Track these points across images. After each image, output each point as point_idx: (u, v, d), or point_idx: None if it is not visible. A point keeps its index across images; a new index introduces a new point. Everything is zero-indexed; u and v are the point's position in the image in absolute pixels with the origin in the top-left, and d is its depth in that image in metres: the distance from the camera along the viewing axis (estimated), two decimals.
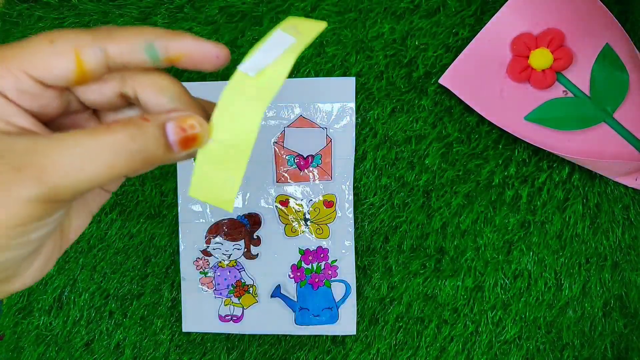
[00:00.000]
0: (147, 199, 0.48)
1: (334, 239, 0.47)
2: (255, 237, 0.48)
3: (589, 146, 0.44)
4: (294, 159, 0.47)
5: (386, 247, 0.46)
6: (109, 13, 0.47)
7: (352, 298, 0.46)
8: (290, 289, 0.48)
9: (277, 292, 0.47)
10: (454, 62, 0.45)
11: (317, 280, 0.47)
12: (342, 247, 0.47)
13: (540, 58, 0.44)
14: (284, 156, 0.47)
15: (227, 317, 0.48)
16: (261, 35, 0.46)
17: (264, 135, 0.47)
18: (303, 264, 0.48)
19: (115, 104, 0.26)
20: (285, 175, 0.47)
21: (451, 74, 0.45)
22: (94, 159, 0.21)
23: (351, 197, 0.47)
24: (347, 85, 0.46)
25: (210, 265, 0.48)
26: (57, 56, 0.21)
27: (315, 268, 0.48)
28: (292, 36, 0.24)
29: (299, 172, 0.47)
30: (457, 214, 0.46)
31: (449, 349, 0.46)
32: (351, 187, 0.46)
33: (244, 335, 0.48)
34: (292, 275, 0.48)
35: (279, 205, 0.47)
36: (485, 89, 0.45)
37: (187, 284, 0.48)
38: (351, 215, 0.47)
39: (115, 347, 0.48)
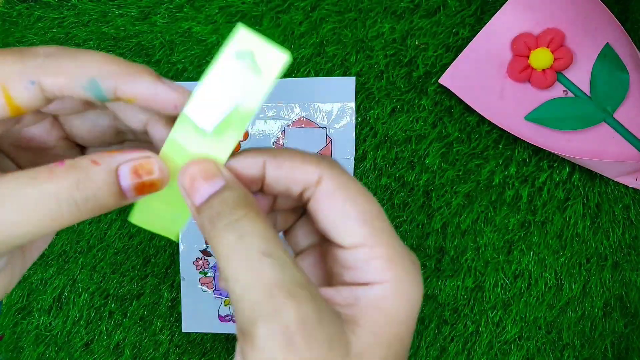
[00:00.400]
0: None
1: None
2: None
3: (589, 146, 0.44)
4: None
5: None
6: (108, 13, 0.47)
7: None
8: None
9: None
10: (454, 61, 0.45)
11: None
12: None
13: (541, 58, 0.44)
14: None
15: (227, 317, 0.47)
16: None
17: (264, 135, 0.47)
18: None
19: (106, 139, 0.23)
20: None
21: (451, 73, 0.45)
22: (33, 211, 0.18)
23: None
24: (347, 85, 0.46)
25: (210, 265, 0.48)
26: None
27: None
28: (248, 66, 0.20)
29: None
30: (457, 213, 0.46)
31: (449, 349, 0.46)
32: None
33: None
34: None
35: None
36: (486, 89, 0.45)
37: (186, 284, 0.47)
38: None
39: (115, 347, 0.48)
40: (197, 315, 0.48)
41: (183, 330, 0.47)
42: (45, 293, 0.48)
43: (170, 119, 0.21)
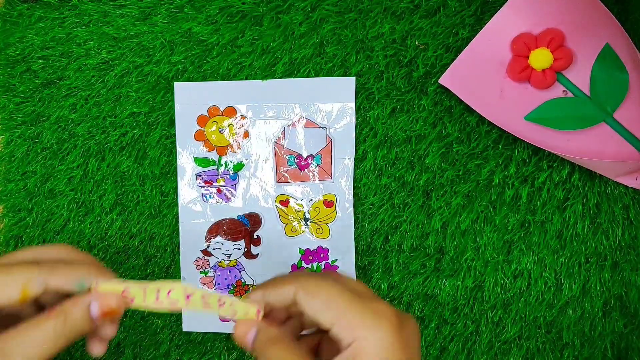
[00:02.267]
0: (147, 198, 0.48)
1: (334, 239, 0.47)
2: (255, 236, 0.48)
3: (588, 146, 0.44)
4: (294, 159, 0.47)
5: (386, 246, 0.46)
6: (109, 13, 0.47)
7: None
8: None
9: None
10: (454, 62, 0.45)
11: None
12: (342, 247, 0.47)
13: (540, 58, 0.44)
14: (284, 156, 0.47)
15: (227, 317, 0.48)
16: (261, 35, 0.47)
17: (264, 135, 0.47)
18: (303, 264, 0.48)
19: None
20: (285, 175, 0.47)
21: (451, 73, 0.45)
22: (40, 343, 0.27)
23: (351, 197, 0.46)
24: (347, 85, 0.46)
25: (211, 265, 0.48)
26: (8, 287, 0.28)
27: (315, 268, 0.47)
28: None
29: (299, 172, 0.47)
30: (457, 213, 0.46)
31: (449, 348, 0.46)
32: (351, 187, 0.46)
33: None
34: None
35: (279, 205, 0.47)
36: (485, 89, 0.45)
37: (186, 284, 0.47)
38: (351, 215, 0.46)
39: (116, 346, 0.48)
40: (198, 314, 0.47)
41: (184, 330, 0.47)
42: None
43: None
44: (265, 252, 0.48)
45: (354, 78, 0.46)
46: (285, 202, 0.47)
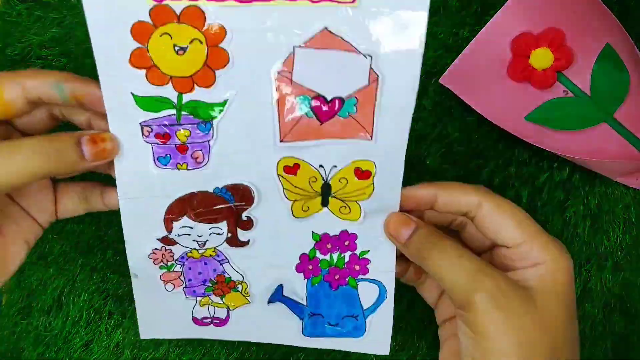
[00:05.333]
0: None
1: (366, 223, 0.34)
2: (244, 217, 0.34)
3: (589, 146, 0.44)
4: (309, 103, 0.30)
5: None
6: None
7: (388, 306, 0.35)
8: (298, 287, 0.36)
9: (277, 296, 0.36)
10: (454, 62, 0.45)
11: (337, 277, 0.35)
12: (377, 235, 0.34)
13: (541, 58, 0.44)
14: (293, 98, 0.30)
15: (205, 320, 0.38)
16: None
17: (258, 62, 0.29)
18: (318, 254, 0.35)
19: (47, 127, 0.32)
20: (295, 128, 0.30)
21: (451, 73, 0.45)
22: (15, 161, 0.26)
23: (401, 169, 0.32)
24: None
25: (176, 257, 0.36)
26: None
27: (336, 260, 0.35)
28: None
29: (317, 124, 0.30)
30: None
31: None
32: (403, 153, 0.32)
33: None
34: (300, 269, 0.35)
35: (284, 174, 0.32)
36: (486, 89, 0.45)
37: (141, 283, 0.36)
38: (398, 194, 0.33)
39: (115, 347, 0.48)
40: (161, 318, 0.38)
41: (141, 337, 0.39)
42: (44, 293, 0.48)
43: (104, 115, 0.29)
44: (260, 238, 0.35)
45: None
46: (292, 169, 0.32)
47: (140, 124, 0.30)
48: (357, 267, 0.35)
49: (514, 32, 0.45)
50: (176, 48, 0.28)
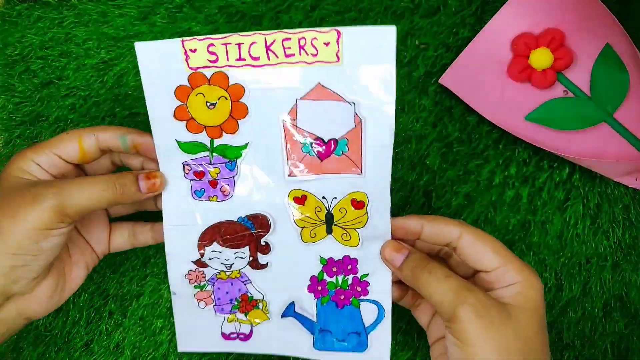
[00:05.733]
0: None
1: (365, 249, 0.38)
2: (263, 243, 0.39)
3: (589, 146, 0.44)
4: (310, 145, 0.36)
5: None
6: (108, 13, 0.47)
7: (386, 323, 0.39)
8: (308, 306, 0.40)
9: (290, 311, 0.40)
10: (455, 61, 0.45)
11: (342, 297, 0.40)
12: (375, 258, 0.38)
13: (541, 58, 0.44)
14: (298, 140, 0.36)
15: (232, 335, 0.42)
16: None
17: (270, 112, 0.36)
18: (325, 276, 0.40)
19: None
20: (300, 166, 0.37)
21: (451, 73, 0.45)
22: (92, 190, 0.34)
23: (388, 197, 0.37)
24: (383, 37, 0.33)
25: (207, 278, 0.41)
26: (68, 142, 0.36)
27: (340, 282, 0.40)
28: None
29: (318, 163, 0.36)
30: (457, 214, 0.45)
31: None
32: (388, 184, 0.36)
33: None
34: (311, 290, 0.40)
35: (294, 204, 0.38)
36: (486, 89, 0.45)
37: (179, 299, 0.41)
38: (388, 220, 0.37)
39: (115, 347, 0.48)
40: (196, 333, 0.42)
41: (179, 351, 0.43)
42: None
43: (154, 160, 0.38)
44: (276, 261, 0.40)
45: (394, 27, 0.33)
46: (300, 200, 0.38)
47: (182, 163, 0.38)
48: (359, 289, 0.39)
49: (514, 32, 0.45)
50: (208, 104, 0.36)
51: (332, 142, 0.36)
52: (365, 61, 0.34)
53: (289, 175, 0.37)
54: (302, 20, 0.46)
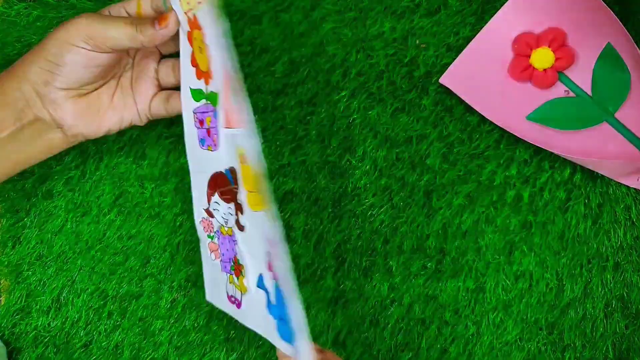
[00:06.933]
0: (146, 199, 0.47)
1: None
2: (239, 201, 0.35)
3: (590, 146, 0.44)
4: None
5: (386, 247, 0.46)
6: None
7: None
8: (270, 287, 0.34)
9: (260, 283, 0.35)
10: (455, 61, 0.45)
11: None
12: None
13: (542, 57, 0.44)
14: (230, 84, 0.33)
15: (232, 299, 0.39)
16: (261, 35, 0.46)
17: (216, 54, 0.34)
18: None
19: None
20: (232, 117, 0.33)
21: (452, 73, 0.45)
22: (117, 23, 0.37)
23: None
24: None
25: (215, 229, 0.39)
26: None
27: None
28: None
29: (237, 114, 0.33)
30: (458, 214, 0.45)
31: (450, 350, 0.45)
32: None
33: (243, 335, 0.46)
34: (270, 268, 0.33)
35: (239, 162, 0.33)
36: (487, 89, 0.45)
37: (203, 247, 0.41)
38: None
39: (114, 348, 0.48)
40: (214, 286, 0.40)
41: (207, 299, 0.41)
42: (43, 294, 0.48)
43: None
44: (247, 224, 0.35)
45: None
46: (243, 158, 0.33)
47: (193, 111, 0.37)
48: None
49: (515, 31, 0.45)
50: (199, 48, 0.35)
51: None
52: None
53: (225, 127, 0.34)
54: (302, 20, 0.46)
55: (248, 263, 0.36)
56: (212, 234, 0.39)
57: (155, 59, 0.42)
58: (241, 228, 0.36)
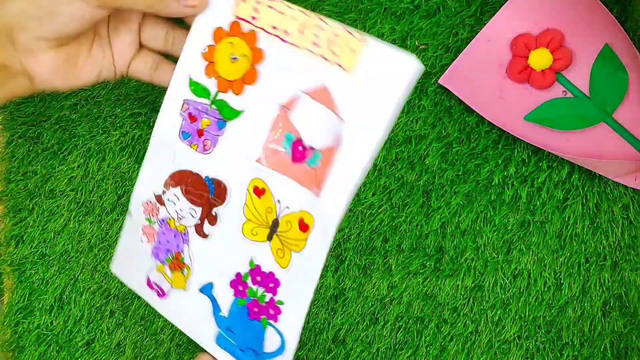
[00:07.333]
0: None
1: (291, 274, 0.35)
2: (213, 213, 0.37)
3: (588, 146, 0.44)
4: (291, 142, 0.34)
5: (386, 246, 0.46)
6: None
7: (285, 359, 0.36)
8: (224, 299, 0.37)
9: (208, 290, 0.38)
10: (454, 62, 0.45)
11: (256, 309, 0.36)
12: (296, 291, 0.35)
13: (540, 58, 0.44)
14: (283, 132, 0.34)
15: (153, 286, 0.40)
16: None
17: (273, 89, 0.34)
18: (249, 281, 0.36)
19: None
20: (273, 157, 0.34)
21: (451, 74, 0.45)
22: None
23: (332, 235, 0.32)
24: (402, 65, 0.29)
25: (159, 217, 0.39)
26: None
27: (259, 294, 0.36)
28: None
29: (289, 163, 0.34)
30: (456, 213, 0.46)
31: (448, 348, 0.46)
32: (338, 220, 0.32)
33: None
34: (233, 285, 0.37)
35: (252, 193, 0.35)
36: (485, 89, 0.45)
37: (130, 222, 0.40)
38: (323, 257, 0.33)
39: (116, 346, 0.48)
40: (129, 263, 0.40)
41: (112, 269, 0.41)
42: (46, 293, 0.48)
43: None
44: (216, 237, 0.37)
45: (415, 60, 0.29)
46: (260, 192, 0.35)
47: (183, 99, 0.36)
48: (272, 312, 0.36)
49: (513, 32, 0.45)
50: (232, 56, 0.35)
51: (310, 150, 0.33)
52: (375, 81, 0.30)
53: (257, 161, 0.35)
54: None
55: (197, 267, 0.38)
56: (153, 220, 0.39)
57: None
58: (203, 235, 0.37)
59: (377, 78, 0.30)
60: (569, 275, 0.45)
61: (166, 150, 0.38)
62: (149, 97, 0.48)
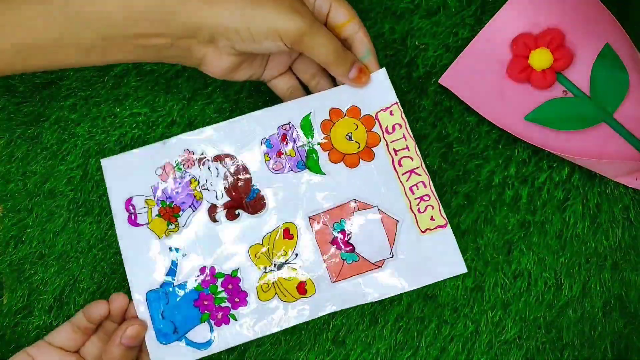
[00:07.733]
0: None
1: (259, 309, 0.37)
2: (237, 212, 0.39)
3: (588, 146, 0.44)
4: (339, 230, 0.39)
5: None
6: None
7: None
8: (185, 275, 0.38)
9: (175, 254, 0.38)
10: (454, 62, 0.45)
11: (206, 302, 0.37)
12: (252, 323, 0.37)
13: (540, 58, 0.44)
14: (341, 218, 0.39)
15: (131, 209, 0.40)
16: None
17: (353, 182, 0.39)
18: (221, 281, 0.38)
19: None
20: (320, 228, 0.39)
21: (451, 74, 0.45)
22: (327, 44, 0.37)
23: (315, 316, 0.37)
24: (453, 264, 0.38)
25: (185, 169, 0.39)
26: None
27: (219, 296, 0.38)
28: None
29: (329, 241, 0.39)
30: (457, 214, 0.46)
31: (449, 348, 0.46)
32: (332, 310, 0.38)
33: None
34: (203, 271, 0.38)
35: (282, 231, 0.39)
36: (485, 89, 0.45)
37: (161, 149, 0.40)
38: (292, 323, 0.37)
39: None
40: (125, 171, 0.40)
41: (101, 161, 0.40)
42: (45, 293, 0.48)
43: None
44: (222, 229, 0.38)
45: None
46: (289, 235, 0.38)
47: (290, 120, 0.39)
48: (219, 317, 0.37)
49: (514, 32, 0.45)
50: (349, 134, 0.39)
51: (351, 246, 0.38)
52: (429, 254, 0.38)
53: (309, 217, 0.38)
54: None
55: (186, 234, 0.38)
56: (181, 167, 0.39)
57: None
58: (213, 219, 0.38)
59: (432, 255, 0.37)
60: (570, 275, 0.45)
61: (239, 141, 0.39)
62: (149, 97, 0.48)
